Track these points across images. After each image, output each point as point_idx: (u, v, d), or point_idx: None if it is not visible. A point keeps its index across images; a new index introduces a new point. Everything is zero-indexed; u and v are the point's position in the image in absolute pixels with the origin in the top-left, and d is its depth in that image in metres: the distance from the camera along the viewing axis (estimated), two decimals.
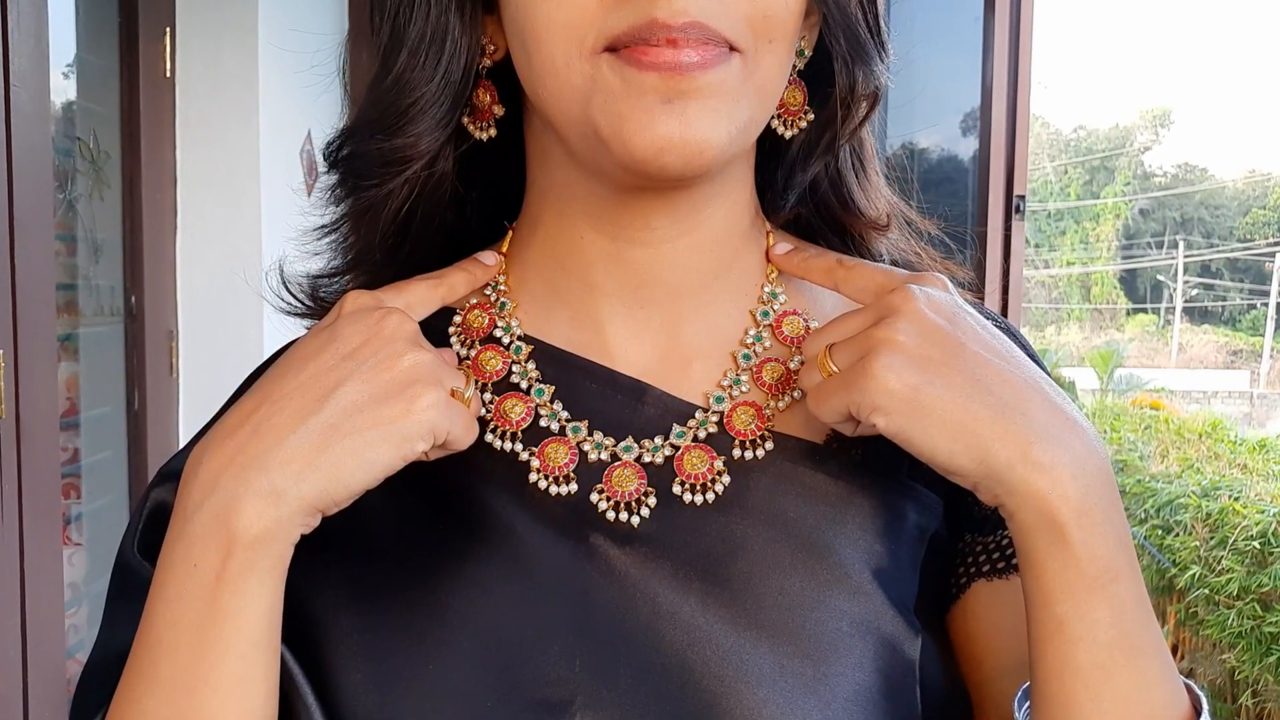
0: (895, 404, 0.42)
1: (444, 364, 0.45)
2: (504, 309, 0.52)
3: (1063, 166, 30.52)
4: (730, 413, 0.49)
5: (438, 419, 0.43)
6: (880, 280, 0.48)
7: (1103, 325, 25.57)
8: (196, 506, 0.42)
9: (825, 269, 0.50)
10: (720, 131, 0.43)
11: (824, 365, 0.45)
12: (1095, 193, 29.67)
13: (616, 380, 0.49)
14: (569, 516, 0.47)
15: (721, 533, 0.46)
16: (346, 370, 0.43)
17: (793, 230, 0.57)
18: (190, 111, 2.15)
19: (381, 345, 0.44)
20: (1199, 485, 3.27)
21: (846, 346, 0.45)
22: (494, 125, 0.51)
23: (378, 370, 0.43)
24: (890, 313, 0.44)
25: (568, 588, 0.45)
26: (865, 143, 0.55)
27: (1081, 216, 28.86)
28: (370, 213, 0.51)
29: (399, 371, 0.43)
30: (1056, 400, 0.43)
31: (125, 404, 2.06)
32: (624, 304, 0.50)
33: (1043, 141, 30.50)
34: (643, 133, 0.42)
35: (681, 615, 0.44)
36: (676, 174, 0.43)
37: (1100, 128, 32.11)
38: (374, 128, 0.49)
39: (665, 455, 0.48)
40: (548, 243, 0.52)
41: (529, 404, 0.49)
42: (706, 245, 0.50)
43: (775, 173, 0.55)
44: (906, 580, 0.48)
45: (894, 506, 0.48)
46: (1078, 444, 0.42)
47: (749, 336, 0.51)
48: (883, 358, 0.42)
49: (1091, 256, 28.07)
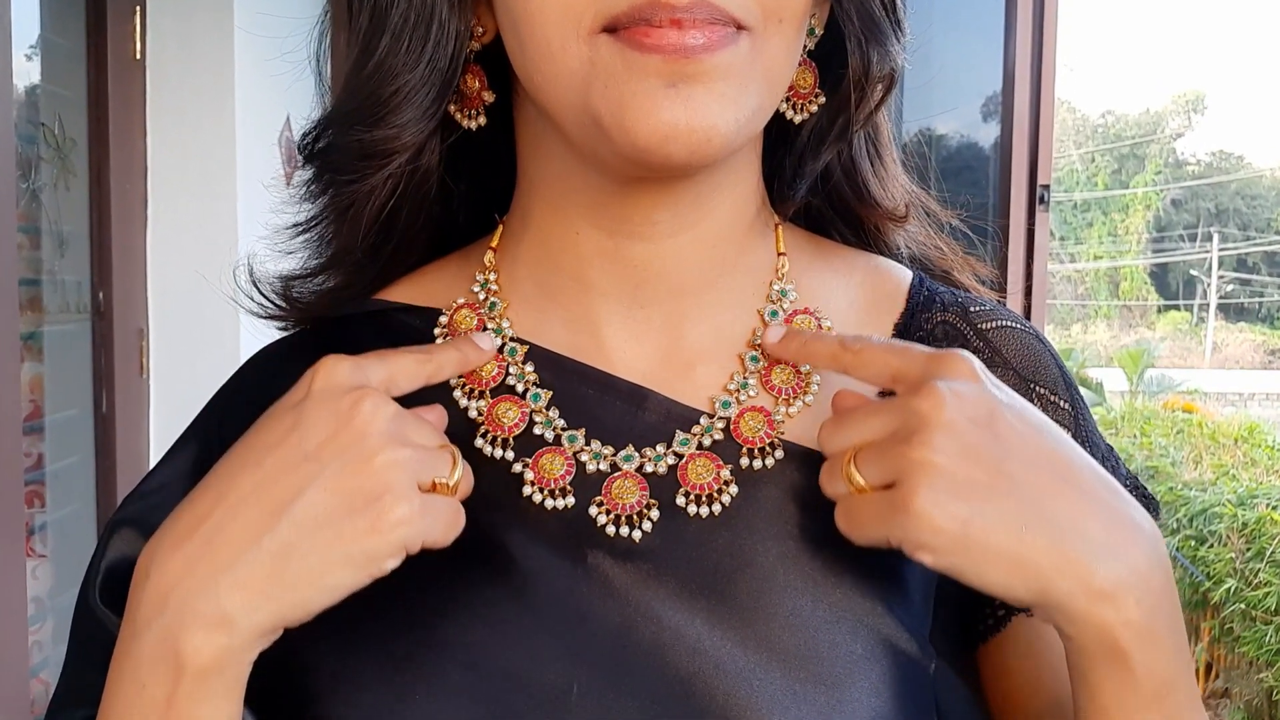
0: (944, 542, 0.40)
1: (425, 453, 0.43)
2: (494, 309, 0.52)
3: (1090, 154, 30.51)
4: (737, 419, 0.48)
5: (410, 534, 0.41)
6: (896, 365, 0.45)
7: (1132, 323, 25.57)
8: (145, 624, 0.41)
9: (829, 354, 0.47)
10: (728, 117, 0.42)
11: (850, 477, 0.43)
12: (1124, 182, 29.65)
13: (615, 385, 0.49)
14: (565, 532, 0.46)
15: (729, 548, 0.46)
16: (308, 473, 0.41)
17: (802, 222, 0.57)
18: (161, 96, 2.15)
19: (351, 442, 0.42)
20: (1234, 493, 3.27)
21: (875, 459, 0.42)
22: (483, 113, 0.50)
23: (343, 475, 0.41)
24: (921, 425, 0.41)
25: (564, 610, 0.45)
26: (881, 128, 0.55)
27: (1110, 207, 28.85)
28: (350, 210, 0.50)
29: (368, 478, 0.41)
30: (1113, 503, 0.42)
31: (92, 406, 2.06)
32: (622, 304, 0.50)
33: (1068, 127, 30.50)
34: (646, 119, 0.41)
35: (687, 636, 0.44)
36: (682, 163, 0.43)
37: (1130, 113, 32.09)
38: (354, 118, 0.48)
39: (668, 464, 0.48)
40: (540, 239, 0.51)
41: (523, 409, 0.49)
42: (711, 240, 0.50)
43: (784, 160, 0.54)
44: (921, 602, 0.48)
45: None
46: (1139, 556, 0.41)
47: (757, 337, 0.51)
48: (925, 490, 0.40)
49: (1120, 250, 28.06)
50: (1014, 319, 0.54)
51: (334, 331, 0.54)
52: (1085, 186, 28.77)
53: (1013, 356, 0.53)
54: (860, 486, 0.43)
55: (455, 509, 0.44)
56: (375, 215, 0.50)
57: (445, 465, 0.44)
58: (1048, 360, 0.53)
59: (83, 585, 0.50)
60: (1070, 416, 0.52)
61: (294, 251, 0.54)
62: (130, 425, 2.11)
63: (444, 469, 0.43)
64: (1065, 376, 0.54)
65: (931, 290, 0.55)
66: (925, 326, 0.53)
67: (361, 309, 0.54)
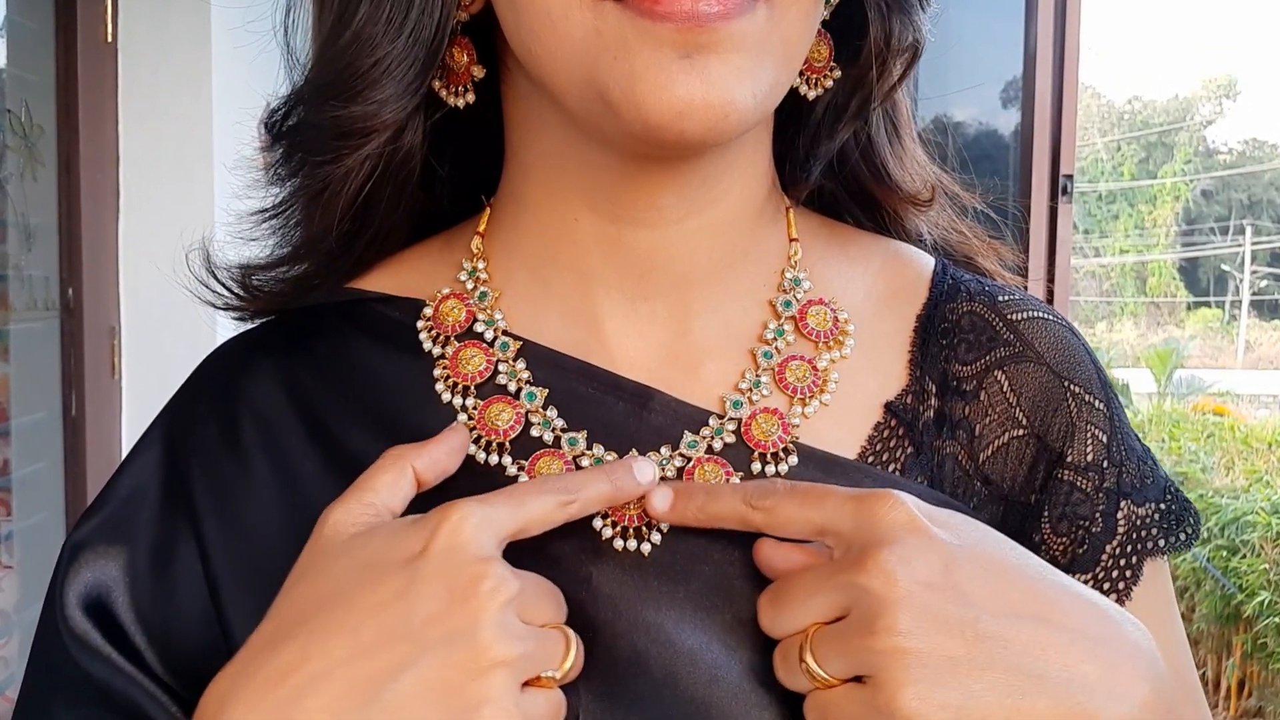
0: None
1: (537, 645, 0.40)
2: (485, 300, 0.51)
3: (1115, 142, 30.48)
4: (749, 420, 0.48)
5: None
6: (819, 520, 0.42)
7: (1160, 321, 25.54)
8: None
9: (734, 515, 0.44)
10: (745, 92, 0.41)
11: (811, 672, 0.40)
12: (1152, 172, 29.62)
13: (618, 384, 0.48)
14: (564, 544, 0.45)
15: (744, 558, 0.45)
16: (408, 655, 0.38)
17: (815, 206, 0.56)
18: (134, 81, 2.15)
19: (461, 630, 0.39)
20: (1269, 501, 3.27)
21: (836, 650, 0.40)
22: (472, 89, 0.49)
23: (446, 668, 0.38)
24: (879, 608, 0.39)
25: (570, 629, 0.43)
26: (901, 106, 0.54)
27: (1136, 199, 28.83)
28: (324, 194, 0.49)
29: (471, 680, 0.38)
30: (1102, 631, 0.41)
31: (61, 409, 2.06)
32: (625, 296, 0.49)
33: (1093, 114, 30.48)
34: (659, 94, 0.40)
35: (703, 660, 0.43)
36: (697, 141, 0.42)
37: (1158, 99, 32.07)
38: (328, 93, 0.47)
39: (675, 468, 0.47)
40: (535, 226, 0.50)
41: (518, 410, 0.48)
42: (720, 226, 0.49)
43: (796, 140, 0.54)
44: None
45: None
46: (1141, 687, 0.40)
47: (769, 331, 0.50)
48: (907, 687, 0.38)
49: (1148, 244, 28.04)
50: (1045, 309, 0.53)
51: (301, 325, 0.53)
52: (1110, 177, 28.75)
53: (1046, 351, 0.51)
54: (825, 681, 0.40)
55: (557, 707, 0.41)
56: (350, 200, 0.49)
57: (557, 655, 0.41)
58: (1082, 355, 0.52)
59: (44, 610, 0.48)
60: (1105, 418, 0.51)
61: (258, 238, 0.52)
62: (101, 429, 2.11)
63: (555, 659, 0.41)
64: (1100, 374, 0.53)
65: (956, 278, 0.54)
66: (950, 318, 0.52)
67: (333, 299, 0.53)
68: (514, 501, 0.42)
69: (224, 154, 2.22)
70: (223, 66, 2.19)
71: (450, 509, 0.41)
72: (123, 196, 2.16)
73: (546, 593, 0.42)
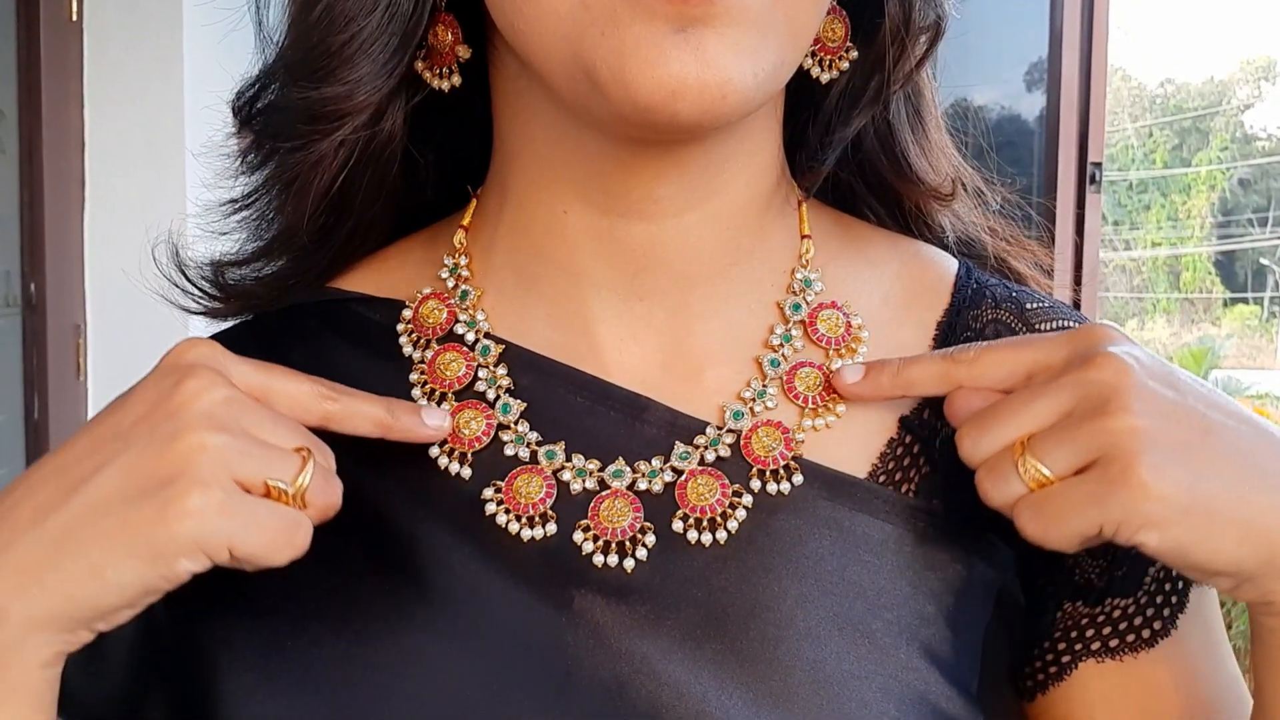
0: (1170, 514, 0.39)
1: (257, 447, 0.41)
2: (466, 299, 0.50)
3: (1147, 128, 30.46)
4: (749, 433, 0.47)
5: (205, 531, 0.39)
6: (1030, 358, 0.44)
7: (1195, 318, 25.52)
8: None
9: (936, 377, 0.46)
10: (745, 70, 0.41)
11: (1030, 470, 0.42)
12: (1186, 159, 29.60)
13: (609, 393, 0.48)
14: (547, 568, 0.45)
15: (739, 586, 0.44)
16: (112, 452, 0.40)
17: (829, 199, 0.55)
18: (101, 61, 2.15)
19: (161, 420, 0.40)
20: None
21: (1061, 443, 0.41)
22: (457, 71, 0.49)
23: (145, 455, 0.40)
24: (1112, 393, 0.41)
25: (547, 664, 0.43)
26: (923, 90, 0.54)
27: (1169, 188, 28.82)
28: (296, 183, 0.48)
29: (167, 460, 0.39)
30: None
31: (23, 411, 2.06)
32: (618, 296, 0.49)
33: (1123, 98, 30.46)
34: (649, 72, 0.40)
35: (691, 695, 0.42)
36: (691, 124, 0.41)
37: (1192, 82, 32.05)
38: (298, 72, 0.46)
39: (665, 482, 0.46)
40: (521, 219, 0.50)
41: (490, 421, 0.48)
42: (723, 219, 0.49)
43: (808, 127, 0.53)
44: (968, 653, 0.46)
45: (954, 557, 0.46)
46: None
47: (776, 336, 0.50)
48: (1144, 458, 0.39)
49: (1181, 236, 28.03)
50: (1078, 318, 0.52)
51: (278, 327, 0.53)
52: (1142, 165, 28.72)
53: None
54: (1046, 479, 0.42)
55: (292, 522, 0.41)
56: (325, 190, 0.48)
57: (287, 466, 0.41)
58: None
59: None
60: None
61: (229, 232, 0.52)
62: (65, 433, 2.10)
63: (284, 471, 0.41)
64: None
65: (981, 283, 0.53)
66: (973, 326, 0.51)
67: (311, 299, 0.52)
68: (264, 366, 0.44)
69: (198, 140, 2.21)
70: (196, 46, 2.19)
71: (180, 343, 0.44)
72: (88, 185, 2.16)
73: (283, 419, 0.43)
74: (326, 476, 0.43)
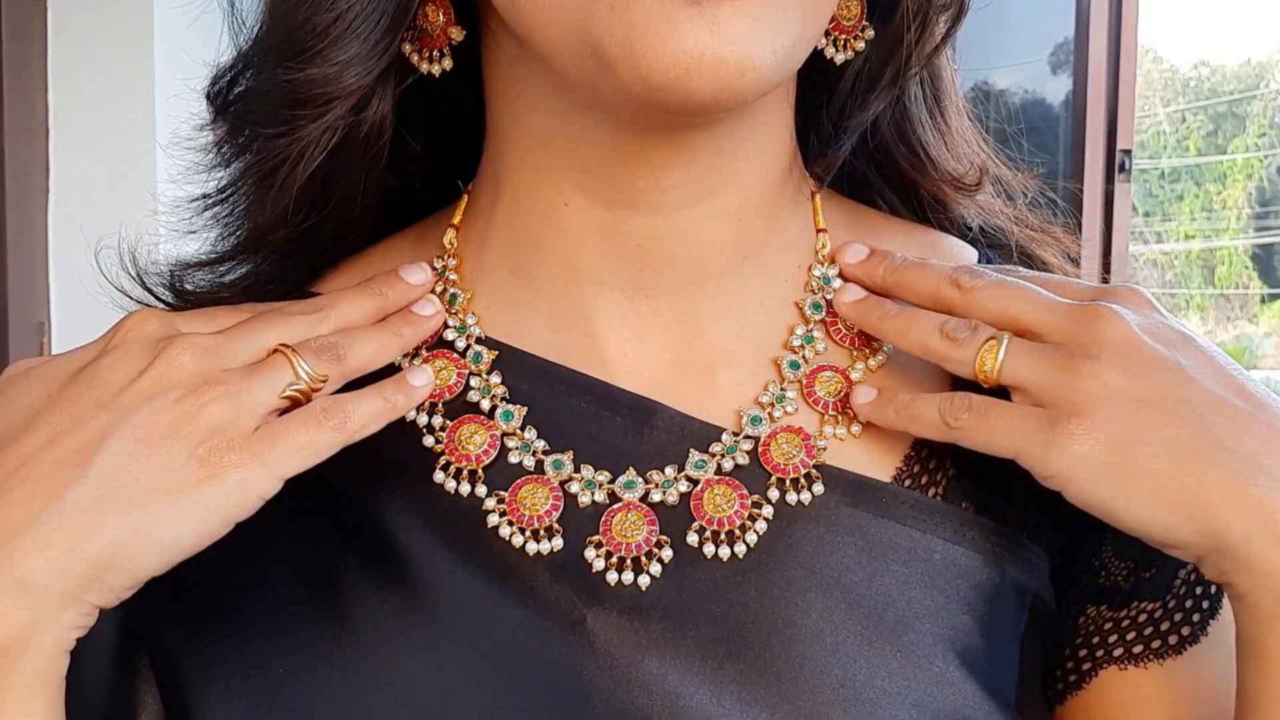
0: (1087, 469, 0.42)
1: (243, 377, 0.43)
2: (456, 302, 0.50)
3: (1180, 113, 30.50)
4: (768, 440, 0.47)
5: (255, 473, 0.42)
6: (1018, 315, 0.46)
7: (1231, 315, 25.53)
8: None
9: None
10: (764, 47, 0.40)
11: (989, 361, 0.45)
12: (1221, 146, 29.64)
13: (614, 397, 0.48)
14: (555, 585, 0.45)
15: (761, 600, 0.44)
16: (106, 423, 0.42)
17: (844, 189, 0.56)
18: (66, 40, 2.15)
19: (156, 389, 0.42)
20: None
21: (1032, 361, 0.44)
22: (449, 54, 0.49)
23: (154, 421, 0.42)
24: (1091, 344, 0.43)
25: (556, 687, 0.43)
26: (943, 73, 0.54)
27: (1204, 177, 28.83)
28: (276, 174, 0.48)
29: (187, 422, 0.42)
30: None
31: None
32: (622, 294, 0.49)
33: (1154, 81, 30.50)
34: (662, 47, 0.39)
35: (714, 714, 0.42)
36: (708, 104, 0.41)
37: (1228, 64, 32.06)
38: (281, 53, 0.46)
39: (680, 492, 0.46)
40: (517, 211, 0.50)
41: (493, 432, 0.47)
42: (735, 211, 0.49)
43: (819, 112, 0.53)
44: (1004, 663, 0.47)
45: (986, 564, 0.46)
46: None
47: (796, 337, 0.50)
48: (1086, 419, 0.42)
49: (1216, 228, 28.03)
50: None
51: None
52: (1174, 152, 28.71)
53: None
54: (987, 374, 0.45)
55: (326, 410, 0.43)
56: (307, 182, 0.48)
57: (284, 374, 0.44)
58: None
59: None
60: None
61: (199, 230, 0.52)
62: None
63: (282, 379, 0.44)
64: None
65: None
66: None
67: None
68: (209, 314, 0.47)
69: (168, 126, 2.21)
70: (167, 25, 2.18)
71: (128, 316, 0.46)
72: (53, 174, 2.16)
73: (241, 333, 0.45)
74: (310, 346, 0.45)
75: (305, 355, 0.44)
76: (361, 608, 0.45)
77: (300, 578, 0.44)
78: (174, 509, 0.41)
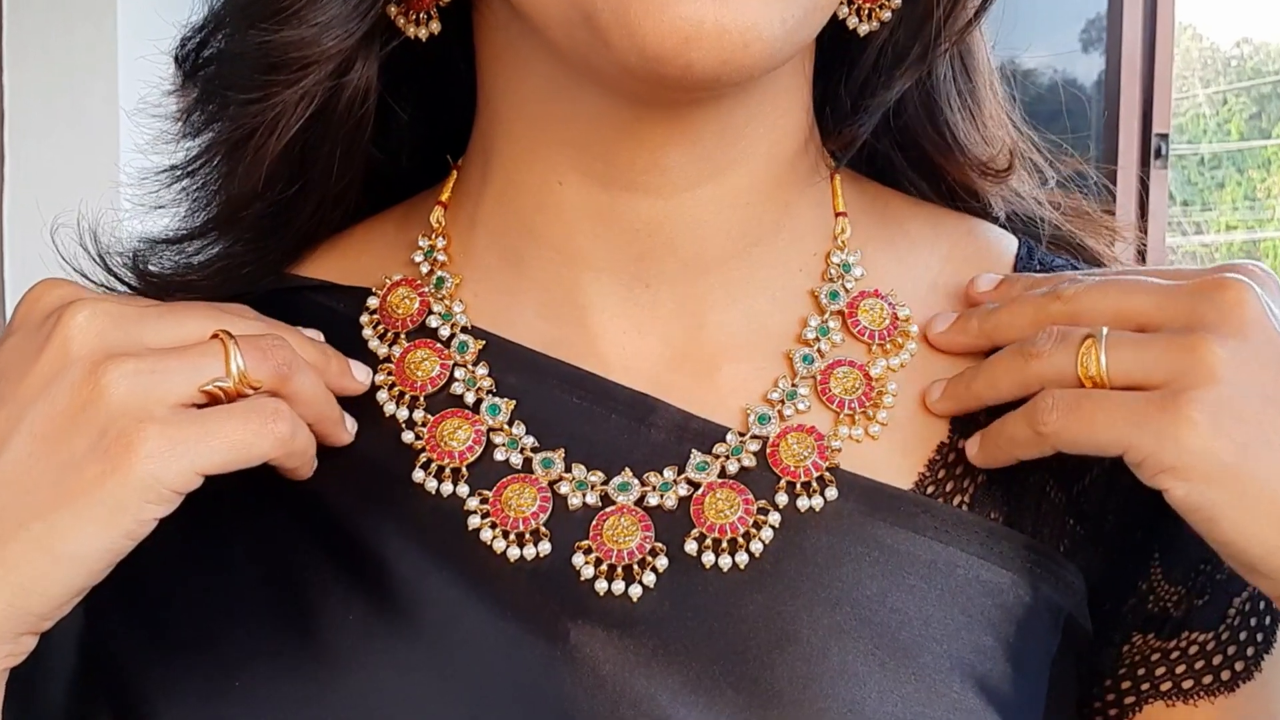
0: (1208, 467, 0.40)
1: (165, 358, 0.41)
2: (442, 287, 0.50)
3: (1220, 95, 30.50)
4: (777, 441, 0.47)
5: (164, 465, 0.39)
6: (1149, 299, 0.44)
7: None
8: None
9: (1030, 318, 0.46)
10: (773, 17, 0.40)
11: (1086, 362, 0.43)
12: (1265, 130, 29.63)
13: (610, 393, 0.48)
14: (537, 594, 0.44)
15: (763, 616, 0.44)
16: (7, 420, 0.40)
17: (865, 169, 0.55)
18: (21, 8, 2.15)
19: (53, 371, 0.40)
20: None
21: (1138, 346, 0.42)
22: (436, 17, 0.48)
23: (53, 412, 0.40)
24: (1215, 315, 0.41)
25: (535, 706, 0.43)
26: (975, 49, 0.53)
27: (1246, 163, 28.81)
28: (250, 142, 0.47)
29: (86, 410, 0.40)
30: None
31: None
32: (619, 282, 0.49)
33: (1193, 60, 30.48)
34: (660, 13, 0.38)
35: None
36: (709, 78, 0.40)
37: (1272, 41, 32.06)
38: (255, 13, 0.45)
39: (679, 496, 0.46)
40: (508, 192, 0.50)
41: (477, 427, 0.47)
42: (741, 194, 0.49)
43: (840, 87, 0.53)
44: (1031, 689, 0.46)
45: (1015, 581, 0.46)
46: None
47: (810, 329, 0.49)
48: (1212, 390, 0.40)
49: (1260, 218, 28.02)
50: None
51: None
52: (1215, 136, 28.71)
53: None
54: (1096, 377, 0.42)
55: (253, 411, 0.41)
56: (282, 152, 0.48)
57: (213, 362, 0.42)
58: None
59: None
60: None
61: (165, 205, 0.51)
62: None
63: (210, 368, 0.41)
64: None
65: (1046, 264, 0.53)
66: None
67: (263, 288, 0.52)
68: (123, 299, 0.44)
69: (133, 95, 2.21)
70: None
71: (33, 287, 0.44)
72: (8, 153, 2.16)
73: (177, 309, 0.43)
74: (259, 344, 0.43)
75: (247, 352, 0.42)
76: (328, 618, 0.45)
77: (264, 585, 0.44)
78: (78, 515, 0.39)
